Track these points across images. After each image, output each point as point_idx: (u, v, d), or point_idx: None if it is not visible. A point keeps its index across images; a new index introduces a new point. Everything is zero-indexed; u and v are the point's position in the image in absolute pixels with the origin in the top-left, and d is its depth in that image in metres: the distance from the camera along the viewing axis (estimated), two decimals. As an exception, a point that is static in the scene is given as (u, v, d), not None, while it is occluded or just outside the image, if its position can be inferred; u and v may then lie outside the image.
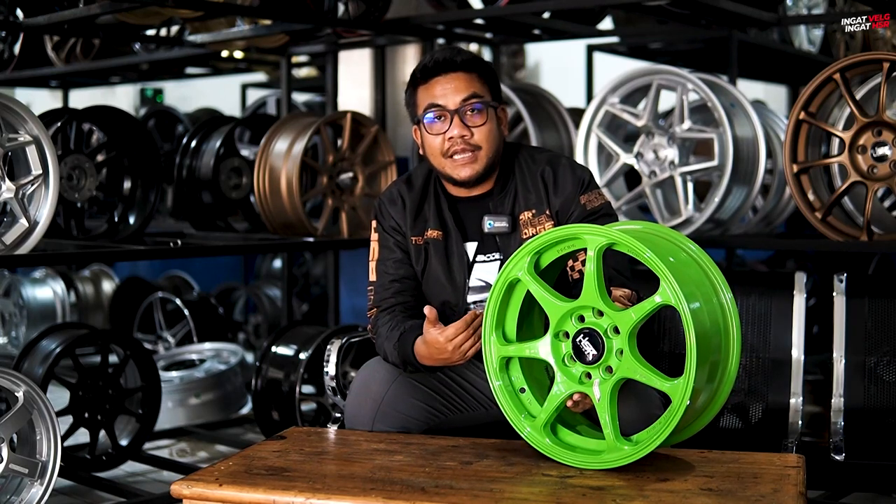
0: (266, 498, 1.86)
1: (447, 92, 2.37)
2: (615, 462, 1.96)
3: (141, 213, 3.95)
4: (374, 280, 2.51)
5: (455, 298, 2.44)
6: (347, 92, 5.12)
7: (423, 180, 2.50)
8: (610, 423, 1.98)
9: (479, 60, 2.43)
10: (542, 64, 8.58)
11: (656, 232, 2.18)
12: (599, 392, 2.00)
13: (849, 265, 4.86)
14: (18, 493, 3.06)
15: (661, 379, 1.95)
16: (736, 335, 2.08)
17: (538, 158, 2.46)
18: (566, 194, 2.41)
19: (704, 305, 2.01)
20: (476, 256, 2.44)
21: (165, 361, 5.13)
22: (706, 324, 1.98)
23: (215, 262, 6.87)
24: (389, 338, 2.37)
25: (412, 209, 2.47)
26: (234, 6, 4.13)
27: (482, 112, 2.38)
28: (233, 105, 7.32)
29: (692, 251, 2.14)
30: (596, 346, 2.00)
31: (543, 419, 2.05)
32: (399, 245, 2.48)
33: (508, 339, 2.13)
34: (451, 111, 2.37)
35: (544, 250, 2.08)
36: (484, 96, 2.39)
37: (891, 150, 3.20)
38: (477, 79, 2.40)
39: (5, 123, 3.11)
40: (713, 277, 2.11)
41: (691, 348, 1.89)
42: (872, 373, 2.86)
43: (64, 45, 5.49)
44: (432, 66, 2.39)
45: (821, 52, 5.26)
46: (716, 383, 2.07)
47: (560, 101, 4.50)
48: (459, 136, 2.36)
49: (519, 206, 2.42)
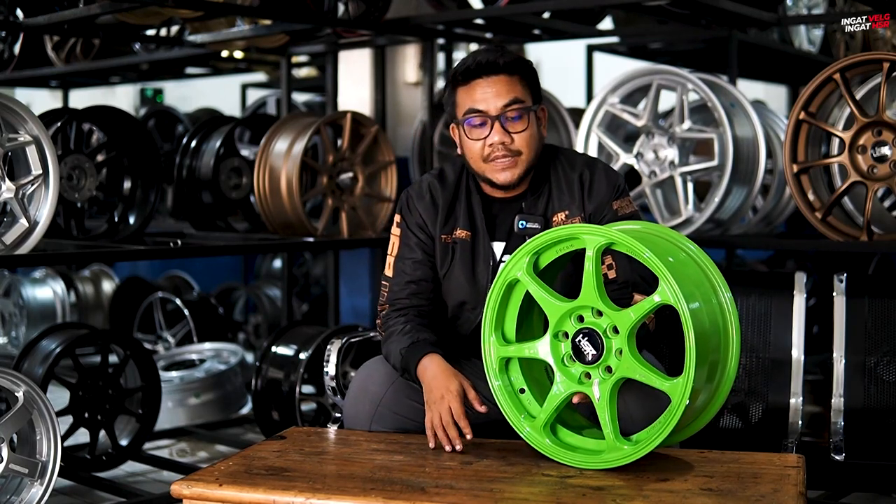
0: (266, 498, 1.86)
1: (488, 96, 2.33)
2: (615, 462, 1.96)
3: (141, 213, 3.95)
4: (391, 277, 2.48)
5: (474, 299, 2.42)
6: (347, 92, 5.12)
7: (455, 177, 2.46)
8: (610, 423, 1.98)
9: (522, 62, 2.38)
10: (542, 64, 8.58)
11: (656, 232, 2.19)
12: (599, 392, 2.00)
13: (849, 265, 4.86)
14: (18, 493, 3.06)
15: (661, 378, 1.95)
16: (735, 335, 2.08)
17: (575, 162, 2.45)
18: (600, 198, 2.40)
19: (703, 305, 2.01)
20: (503, 256, 2.43)
21: (165, 361, 5.13)
22: (705, 323, 1.98)
23: (215, 262, 6.88)
24: (398, 341, 2.35)
25: (444, 206, 2.44)
26: (234, 6, 4.12)
27: (523, 118, 2.34)
28: (233, 105, 7.32)
29: (691, 251, 2.14)
30: (595, 346, 2.00)
31: (543, 419, 2.05)
32: (420, 245, 2.45)
33: (508, 339, 2.13)
34: (492, 117, 2.33)
35: (543, 250, 2.08)
36: (525, 100, 2.35)
37: (891, 150, 3.20)
38: (519, 81, 2.36)
39: (5, 123, 3.11)
40: (712, 278, 2.11)
41: (690, 348, 1.89)
42: (872, 373, 2.86)
43: (64, 45, 5.49)
44: (475, 67, 2.33)
45: (821, 52, 5.26)
46: (715, 383, 2.08)
47: (560, 101, 4.50)
48: (500, 143, 2.33)
49: (552, 207, 2.41)
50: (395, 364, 2.36)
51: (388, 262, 2.49)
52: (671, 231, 2.20)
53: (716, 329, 2.04)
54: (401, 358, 2.32)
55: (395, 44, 4.99)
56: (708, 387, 2.05)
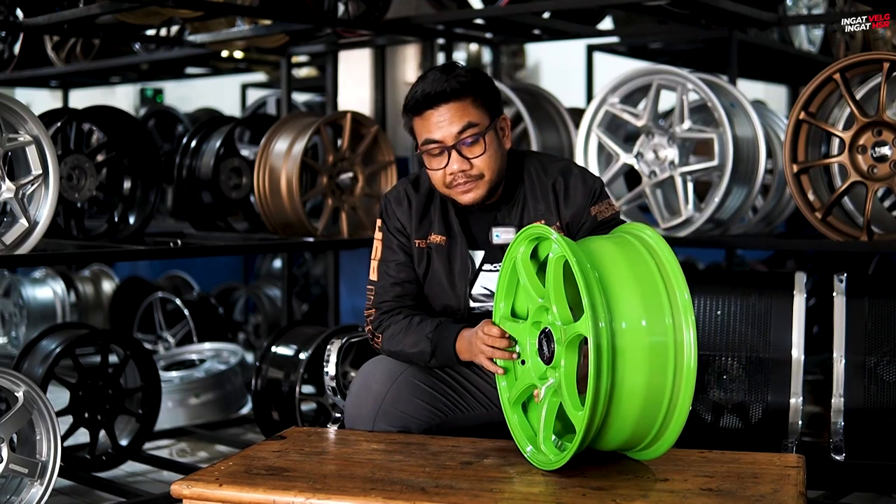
0: (266, 498, 1.86)
1: (442, 125, 2.30)
2: (537, 462, 2.00)
3: (141, 213, 3.95)
4: (375, 280, 2.50)
5: (457, 304, 2.43)
6: (347, 92, 5.12)
7: (429, 184, 2.46)
8: (543, 426, 2.00)
9: (471, 82, 2.32)
10: (542, 64, 8.58)
11: (631, 235, 2.06)
12: (543, 392, 2.02)
13: (849, 265, 4.86)
14: (18, 493, 3.06)
15: (575, 406, 1.93)
16: (689, 356, 1.91)
17: (549, 169, 2.42)
18: (577, 206, 2.38)
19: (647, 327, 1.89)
20: (483, 265, 2.44)
21: (165, 361, 5.14)
22: (642, 346, 1.88)
23: (215, 262, 6.88)
24: (418, 330, 2.35)
25: (418, 211, 2.45)
26: (234, 6, 4.13)
27: (479, 141, 2.32)
28: (233, 105, 7.32)
29: (660, 261, 1.98)
30: (550, 350, 2.01)
31: (513, 396, 2.10)
32: (402, 247, 2.47)
33: (519, 315, 2.15)
34: (448, 147, 2.31)
35: (542, 240, 2.08)
36: (480, 122, 2.32)
37: (891, 150, 3.20)
38: (471, 104, 2.31)
39: (5, 123, 3.11)
40: (671, 294, 1.93)
41: (592, 384, 1.83)
42: (872, 373, 2.86)
43: (64, 45, 5.49)
44: (422, 99, 2.31)
45: (821, 52, 5.26)
46: (666, 402, 1.92)
47: (560, 101, 4.50)
48: (460, 171, 2.32)
49: (528, 216, 2.40)
50: (420, 350, 2.35)
51: (371, 267, 2.51)
52: (646, 236, 2.04)
53: (661, 350, 1.90)
54: (429, 341, 2.34)
55: (395, 44, 4.99)
56: (652, 407, 1.92)
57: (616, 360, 1.86)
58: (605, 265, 1.94)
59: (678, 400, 1.92)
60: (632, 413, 1.91)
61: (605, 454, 2.03)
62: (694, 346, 1.90)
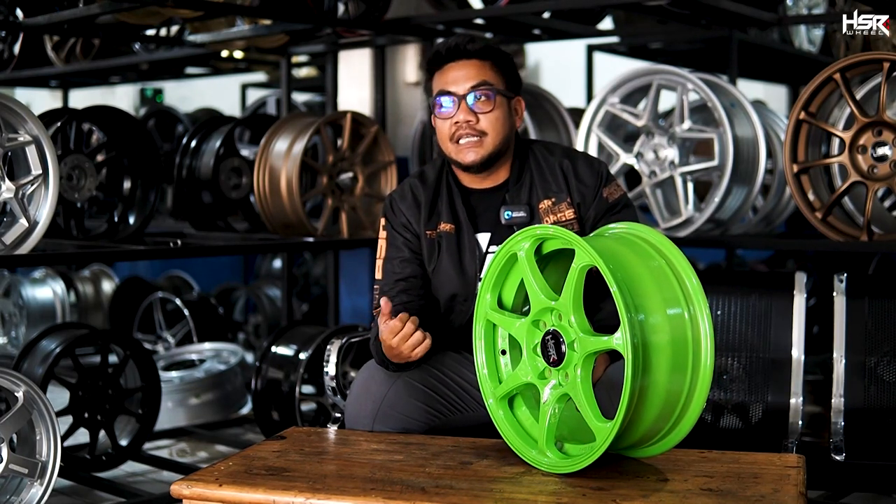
0: (266, 498, 1.86)
1: (458, 78, 2.40)
2: (538, 464, 1.98)
3: (141, 213, 3.95)
4: (381, 279, 2.50)
5: (464, 291, 2.44)
6: (347, 92, 5.12)
7: (436, 175, 2.51)
8: (546, 428, 1.99)
9: (494, 50, 2.44)
10: (542, 64, 8.59)
11: (639, 236, 2.06)
12: (549, 395, 2.00)
13: (849, 265, 4.86)
14: (18, 493, 3.06)
15: (596, 417, 1.91)
16: (708, 354, 1.93)
17: (554, 150, 2.50)
18: (588, 186, 2.44)
19: (668, 320, 1.90)
20: (489, 247, 2.45)
21: (165, 361, 5.13)
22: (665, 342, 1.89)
23: (215, 262, 6.88)
24: (376, 337, 2.36)
25: (426, 203, 2.48)
26: (234, 6, 4.13)
27: (490, 99, 2.40)
28: (233, 105, 7.32)
29: (669, 259, 1.99)
30: (558, 352, 1.98)
31: (501, 392, 2.08)
32: (407, 244, 2.48)
33: (504, 306, 2.12)
34: (459, 96, 2.39)
35: (547, 239, 2.07)
36: (495, 84, 2.41)
37: (891, 150, 3.20)
38: (490, 67, 2.42)
39: (5, 123, 3.11)
40: (687, 290, 1.95)
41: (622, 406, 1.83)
42: (872, 373, 2.86)
43: (64, 45, 5.49)
44: (445, 53, 2.42)
45: (821, 52, 5.26)
46: (684, 395, 1.95)
47: (560, 101, 4.50)
48: (465, 121, 2.38)
49: (537, 194, 2.44)
50: (379, 361, 2.37)
51: (377, 266, 2.52)
52: (652, 233, 2.06)
53: (682, 345, 1.92)
54: (375, 351, 2.35)
55: (395, 44, 4.99)
56: (670, 406, 1.94)
57: (645, 377, 1.86)
58: (628, 273, 1.93)
59: (692, 400, 1.94)
60: (648, 418, 1.92)
61: (605, 454, 2.03)
62: (711, 347, 1.92)
